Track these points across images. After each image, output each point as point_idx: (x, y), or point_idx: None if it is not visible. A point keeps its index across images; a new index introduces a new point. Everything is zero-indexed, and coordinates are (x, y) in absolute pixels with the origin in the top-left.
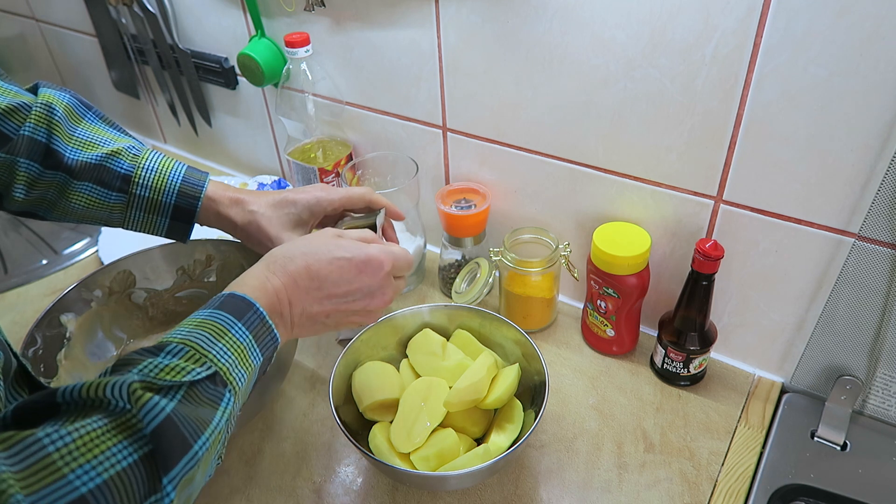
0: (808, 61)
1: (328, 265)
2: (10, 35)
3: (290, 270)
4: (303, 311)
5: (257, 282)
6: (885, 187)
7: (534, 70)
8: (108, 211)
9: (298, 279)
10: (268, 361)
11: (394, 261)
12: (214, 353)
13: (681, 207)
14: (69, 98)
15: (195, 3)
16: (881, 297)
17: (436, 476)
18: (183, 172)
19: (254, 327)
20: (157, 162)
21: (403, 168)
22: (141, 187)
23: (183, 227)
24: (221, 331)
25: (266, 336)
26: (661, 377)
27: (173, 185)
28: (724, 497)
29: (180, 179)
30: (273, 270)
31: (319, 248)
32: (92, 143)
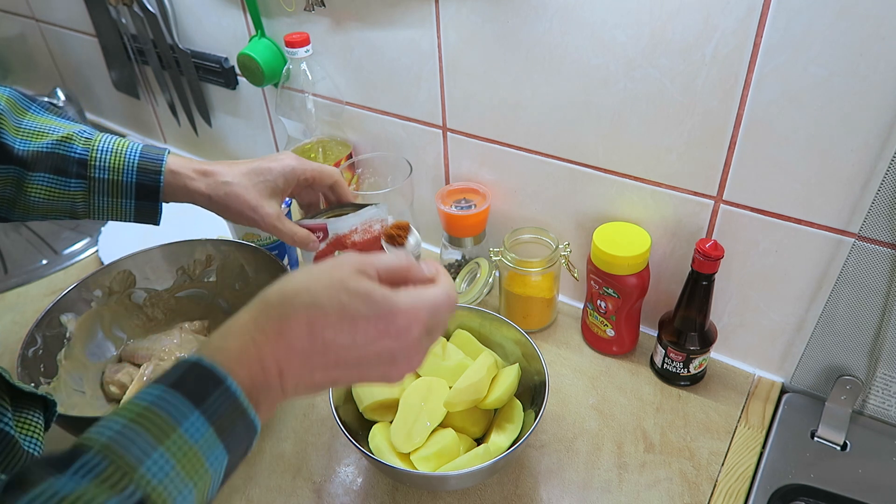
0: (808, 61)
1: (338, 323)
2: (10, 35)
3: (286, 330)
4: (299, 382)
5: (238, 343)
6: (885, 187)
7: (534, 70)
8: (70, 200)
9: (295, 341)
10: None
11: (430, 313)
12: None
13: (681, 207)
14: (10, 92)
15: (195, 3)
16: (881, 297)
17: (436, 476)
18: (139, 150)
19: (219, 415)
20: (112, 143)
21: (401, 168)
22: (99, 170)
23: (150, 207)
24: (166, 428)
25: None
26: (661, 377)
27: (131, 162)
28: (724, 497)
29: (138, 156)
30: (262, 327)
31: (328, 298)
32: (41, 132)
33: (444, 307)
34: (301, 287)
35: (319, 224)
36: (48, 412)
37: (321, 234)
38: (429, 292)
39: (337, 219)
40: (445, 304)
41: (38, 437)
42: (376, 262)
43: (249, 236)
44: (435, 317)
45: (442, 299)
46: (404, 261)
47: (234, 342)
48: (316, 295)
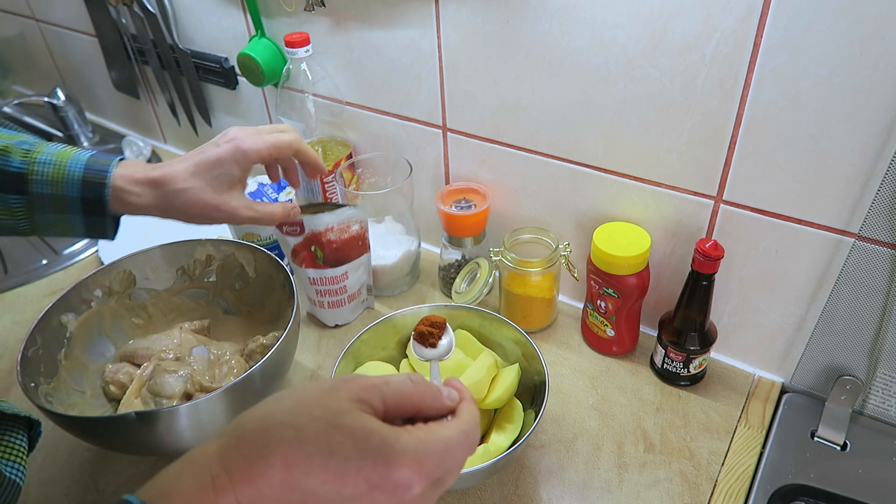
0: (808, 61)
1: (321, 471)
2: (10, 35)
3: (257, 473)
4: None
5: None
6: (885, 187)
7: (534, 70)
8: (10, 217)
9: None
10: None
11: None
12: None
13: (681, 207)
14: None
15: (195, 3)
16: (881, 297)
17: None
18: (85, 161)
19: None
20: (54, 154)
21: (401, 168)
22: (39, 184)
23: (99, 221)
24: None
25: None
26: (661, 377)
27: (74, 175)
28: (724, 497)
29: (82, 168)
30: (228, 464)
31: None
32: None
33: (459, 451)
34: (284, 418)
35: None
36: (33, 431)
37: (297, 229)
38: (442, 434)
39: (313, 216)
40: (461, 448)
41: (21, 460)
42: (384, 388)
43: (249, 236)
44: (444, 465)
45: (457, 441)
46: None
47: (192, 483)
48: (300, 431)
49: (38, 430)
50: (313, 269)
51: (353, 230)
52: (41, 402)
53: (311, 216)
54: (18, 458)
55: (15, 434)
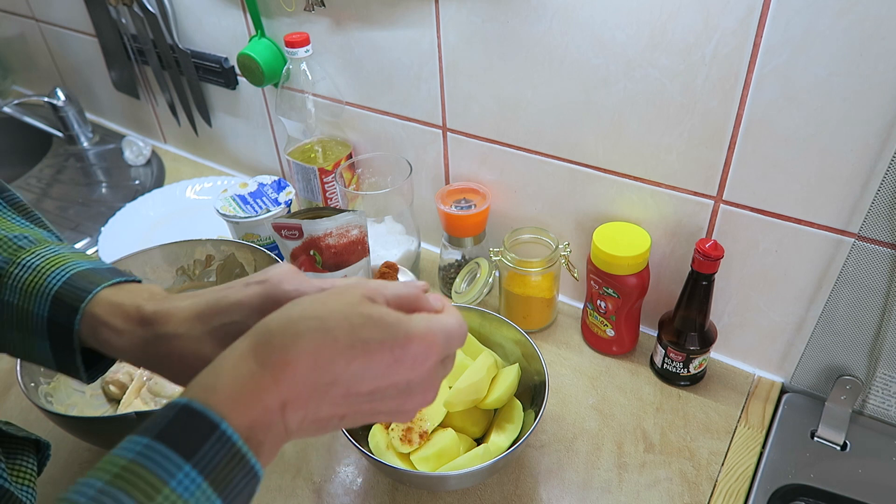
0: (808, 61)
1: (349, 350)
2: (10, 35)
3: (291, 359)
4: (304, 417)
5: (234, 379)
6: (885, 187)
7: (534, 70)
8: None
9: (301, 371)
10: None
11: (446, 340)
12: None
13: (681, 207)
14: None
15: (195, 3)
16: (881, 297)
17: (436, 476)
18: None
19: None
20: (46, 258)
21: (401, 168)
22: (10, 290)
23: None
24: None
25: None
26: (661, 377)
27: (49, 287)
28: (724, 497)
29: (62, 281)
30: (262, 358)
31: (338, 323)
32: None
33: (457, 336)
34: (308, 312)
35: (294, 223)
36: (41, 454)
37: (296, 233)
38: (443, 318)
39: (312, 221)
40: (458, 334)
41: (31, 483)
42: (384, 289)
43: (249, 236)
44: (449, 345)
45: (455, 328)
46: (413, 289)
47: (229, 378)
48: (324, 320)
49: (47, 452)
50: (312, 273)
51: (353, 235)
52: (41, 402)
53: (310, 221)
54: (28, 482)
55: (25, 458)
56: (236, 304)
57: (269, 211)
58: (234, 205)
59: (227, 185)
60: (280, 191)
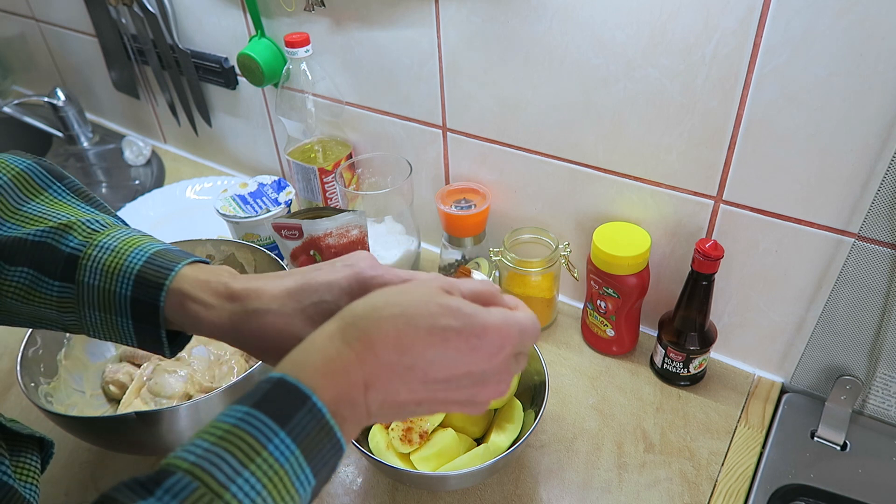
0: (808, 61)
1: (428, 336)
2: (10, 35)
3: (374, 340)
4: (384, 399)
5: (322, 356)
6: (885, 187)
7: (534, 70)
8: (54, 308)
9: (383, 353)
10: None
11: (521, 334)
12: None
13: (681, 207)
14: (28, 165)
15: (195, 3)
16: (881, 297)
17: (436, 476)
18: (151, 252)
19: (305, 435)
20: (121, 239)
21: (402, 168)
22: (90, 272)
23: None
24: (253, 448)
25: (324, 445)
26: (661, 377)
27: (130, 267)
28: (724, 497)
29: (142, 260)
30: (348, 339)
31: (417, 310)
32: (40, 217)
33: (531, 332)
34: (391, 300)
35: (294, 223)
36: (44, 452)
37: (296, 233)
38: (518, 314)
39: (312, 221)
40: (532, 330)
41: (35, 481)
42: (461, 284)
43: (249, 236)
44: (524, 341)
45: (530, 323)
46: (489, 286)
47: (318, 356)
48: (405, 307)
49: (51, 451)
50: None
51: (353, 235)
52: (41, 402)
53: (310, 221)
54: (32, 479)
55: (29, 455)
56: (326, 284)
57: (269, 211)
58: (234, 205)
59: (227, 185)
60: (280, 191)
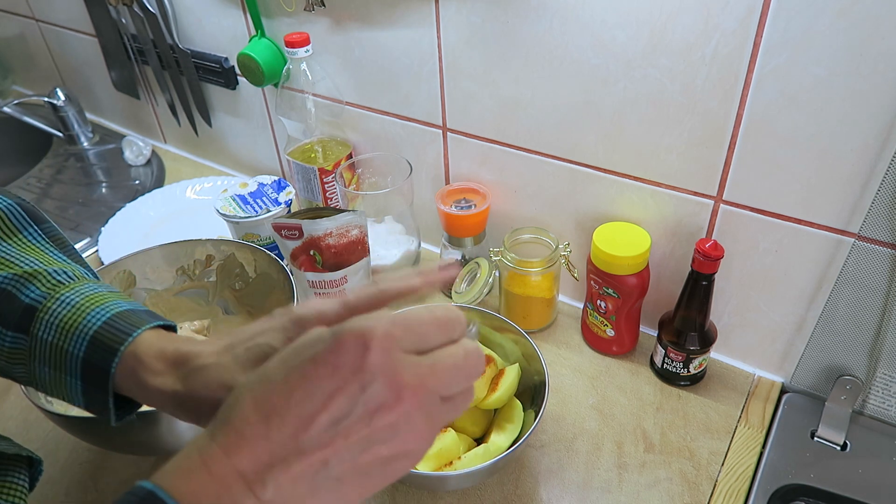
0: (808, 61)
1: (284, 382)
2: (10, 35)
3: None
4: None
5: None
6: (885, 187)
7: (534, 70)
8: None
9: (247, 430)
10: None
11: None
12: None
13: (681, 207)
14: (8, 204)
15: (195, 3)
16: (881, 297)
17: (436, 476)
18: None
19: None
20: (86, 295)
21: (402, 168)
22: (45, 326)
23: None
24: None
25: None
26: (661, 377)
27: (88, 327)
28: (724, 497)
29: (102, 320)
30: (212, 430)
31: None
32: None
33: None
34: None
35: (294, 223)
36: (33, 469)
37: (296, 233)
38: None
39: (312, 220)
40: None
41: (23, 500)
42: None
43: (249, 236)
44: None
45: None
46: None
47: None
48: (263, 371)
49: (39, 468)
50: (312, 273)
51: (353, 235)
52: (41, 402)
53: (310, 221)
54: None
55: (16, 474)
56: (259, 330)
57: (269, 211)
58: (234, 205)
59: (227, 185)
60: (280, 191)
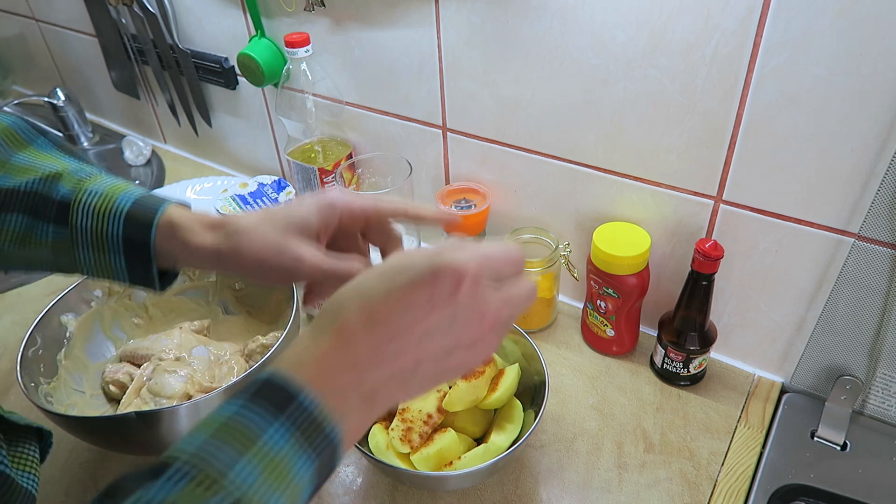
0: (808, 61)
1: (385, 298)
2: (10, 35)
3: (343, 322)
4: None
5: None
6: (885, 187)
7: (534, 70)
8: (49, 250)
9: (355, 331)
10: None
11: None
12: (235, 475)
13: (681, 207)
14: (13, 121)
15: (195, 3)
16: (881, 297)
17: (436, 476)
18: (136, 195)
19: (297, 426)
20: (107, 185)
21: (402, 168)
22: (82, 215)
23: (143, 267)
24: (249, 437)
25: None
26: (661, 377)
27: (120, 208)
28: (724, 497)
29: (130, 202)
30: (323, 328)
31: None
32: (30, 168)
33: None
34: (351, 284)
35: None
36: (43, 442)
37: None
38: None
39: None
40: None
41: (34, 471)
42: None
43: None
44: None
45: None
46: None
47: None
48: (363, 285)
49: (49, 440)
50: None
51: None
52: (41, 402)
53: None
54: (31, 469)
55: (27, 445)
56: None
57: None
58: (234, 205)
59: (227, 185)
60: (280, 191)
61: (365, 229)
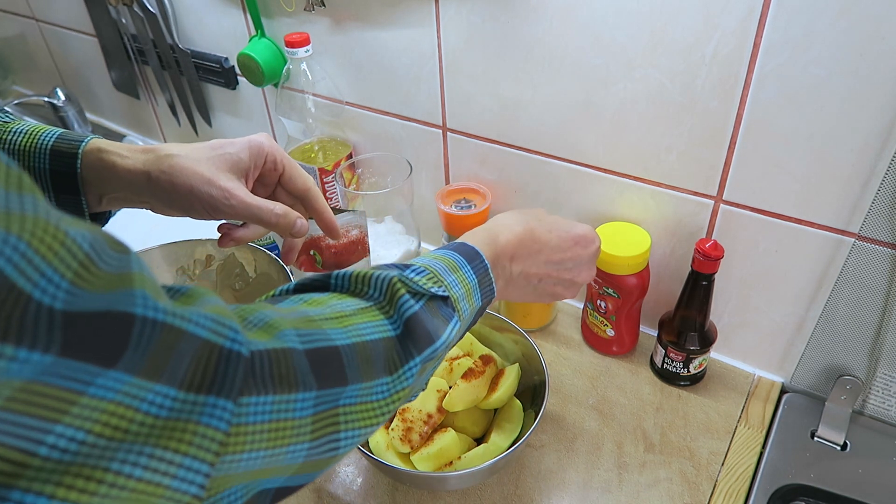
0: (808, 61)
1: (548, 233)
2: (10, 35)
3: (517, 231)
4: (521, 271)
5: (486, 235)
6: (885, 187)
7: (534, 70)
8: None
9: (523, 239)
10: (482, 310)
11: (595, 240)
12: (449, 282)
13: (681, 207)
14: None
15: (195, 3)
16: (881, 297)
17: (436, 476)
18: (61, 132)
19: (479, 273)
20: (30, 126)
21: (402, 168)
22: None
23: (73, 201)
24: (454, 266)
25: (487, 285)
26: (661, 377)
27: (45, 143)
28: (724, 497)
29: (54, 138)
30: (499, 230)
31: (540, 219)
32: None
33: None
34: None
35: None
36: None
37: None
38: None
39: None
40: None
41: None
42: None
43: None
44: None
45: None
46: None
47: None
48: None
49: None
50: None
51: (353, 235)
52: None
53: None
54: None
55: None
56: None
57: None
58: None
59: None
60: None
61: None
